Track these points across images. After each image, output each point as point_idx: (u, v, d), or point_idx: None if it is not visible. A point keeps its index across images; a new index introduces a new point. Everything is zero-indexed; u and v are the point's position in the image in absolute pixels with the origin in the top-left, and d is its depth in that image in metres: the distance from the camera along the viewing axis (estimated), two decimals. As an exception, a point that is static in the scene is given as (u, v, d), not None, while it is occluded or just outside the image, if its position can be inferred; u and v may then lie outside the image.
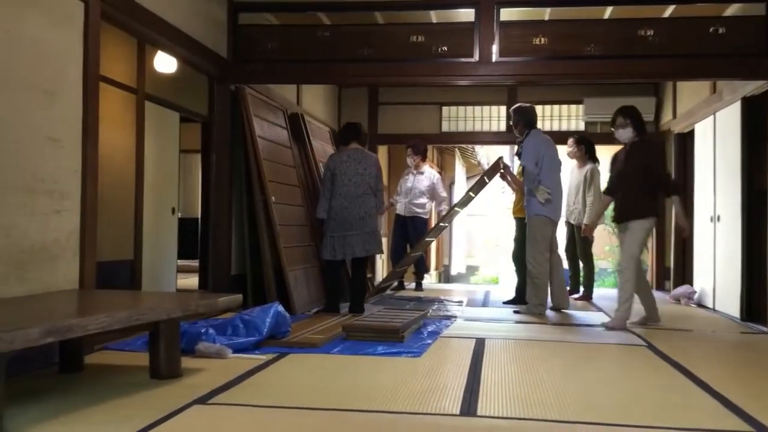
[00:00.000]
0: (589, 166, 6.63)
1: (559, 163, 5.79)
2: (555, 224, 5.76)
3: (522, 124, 5.73)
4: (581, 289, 6.97)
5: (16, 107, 3.08)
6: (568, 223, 6.91)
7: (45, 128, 3.26)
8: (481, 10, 5.40)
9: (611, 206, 5.45)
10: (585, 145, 6.71)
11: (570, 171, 6.93)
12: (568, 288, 6.93)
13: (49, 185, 3.28)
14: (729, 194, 5.92)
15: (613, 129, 5.16)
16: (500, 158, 5.92)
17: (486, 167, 8.27)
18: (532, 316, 5.45)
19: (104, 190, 4.15)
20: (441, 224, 6.61)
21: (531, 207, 5.62)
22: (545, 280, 5.70)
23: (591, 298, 6.86)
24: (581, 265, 6.93)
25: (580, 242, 6.69)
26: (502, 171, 6.12)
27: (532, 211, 5.63)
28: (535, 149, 5.59)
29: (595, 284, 7.13)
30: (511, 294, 6.54)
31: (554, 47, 5.32)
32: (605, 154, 7.28)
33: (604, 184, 7.05)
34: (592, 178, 6.58)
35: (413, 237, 7.36)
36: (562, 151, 6.39)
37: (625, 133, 5.04)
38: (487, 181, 6.37)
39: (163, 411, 2.55)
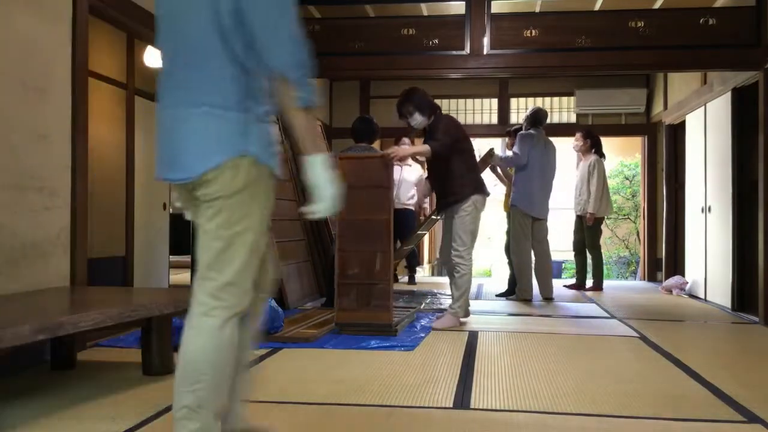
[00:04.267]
0: (592, 158, 6.89)
1: (546, 163, 6.10)
2: (531, 217, 6.04)
3: (528, 122, 6.20)
4: (587, 280, 7.13)
5: (4, 104, 3.05)
6: (577, 216, 7.05)
7: (34, 125, 3.24)
8: (471, 2, 5.38)
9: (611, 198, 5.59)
10: (591, 139, 6.99)
11: (575, 164, 7.18)
12: (575, 281, 7.24)
13: (38, 182, 3.26)
14: (720, 185, 5.94)
15: (407, 120, 4.69)
16: (491, 149, 5.99)
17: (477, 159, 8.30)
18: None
19: (95, 186, 4.13)
20: (433, 217, 6.60)
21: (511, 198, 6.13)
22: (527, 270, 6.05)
23: (601, 288, 7.02)
24: (589, 256, 7.09)
25: (588, 232, 6.90)
26: (492, 163, 6.19)
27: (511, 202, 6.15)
28: (524, 143, 6.03)
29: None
30: (503, 286, 6.57)
31: (545, 39, 5.32)
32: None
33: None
34: (595, 169, 6.81)
35: (403, 230, 7.34)
36: (560, 144, 6.54)
37: (415, 120, 4.62)
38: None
39: (155, 407, 2.54)
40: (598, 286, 7.02)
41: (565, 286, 7.30)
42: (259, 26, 1.69)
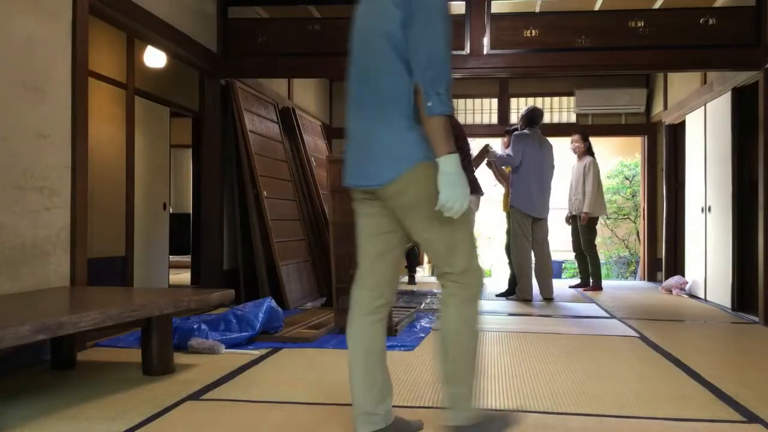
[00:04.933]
0: (588, 159, 6.98)
1: (543, 163, 6.07)
2: (530, 218, 6.03)
3: (523, 122, 6.18)
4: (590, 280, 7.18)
5: (4, 104, 3.05)
6: (573, 216, 7.08)
7: (34, 124, 3.24)
8: (471, 2, 5.39)
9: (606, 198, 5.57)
10: (589, 141, 7.15)
11: (571, 166, 7.24)
12: (579, 282, 7.30)
13: (38, 182, 3.26)
14: (720, 185, 5.94)
15: None
16: (486, 145, 5.98)
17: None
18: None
19: (95, 186, 4.13)
20: None
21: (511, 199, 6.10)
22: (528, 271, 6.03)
23: (601, 287, 7.07)
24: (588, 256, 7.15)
25: (584, 232, 6.94)
26: (488, 159, 6.18)
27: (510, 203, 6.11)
28: (517, 143, 6.00)
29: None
30: (504, 286, 6.57)
31: (545, 39, 5.32)
32: (599, 146, 7.36)
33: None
34: (590, 170, 6.88)
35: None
36: (560, 145, 6.57)
37: None
38: (474, 168, 6.41)
39: (155, 407, 2.54)
40: (597, 286, 7.06)
41: (570, 287, 7.31)
42: (411, 39, 1.92)
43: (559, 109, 8.59)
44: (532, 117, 6.14)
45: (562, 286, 7.26)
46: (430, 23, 1.91)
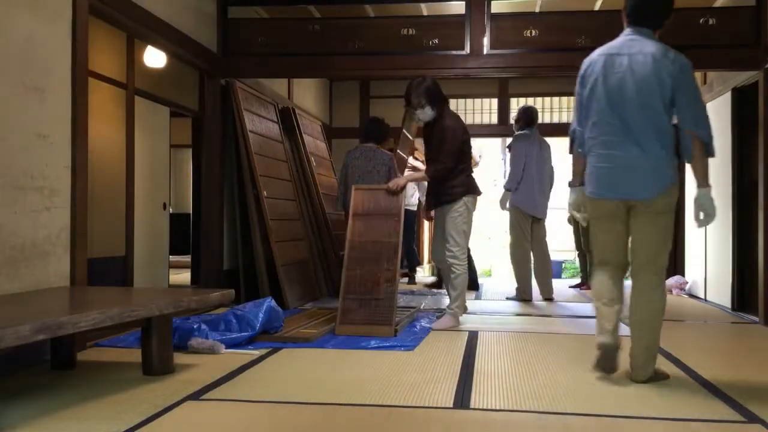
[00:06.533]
0: None
1: (543, 163, 6.07)
2: (530, 218, 6.04)
3: (523, 122, 6.14)
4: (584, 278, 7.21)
5: (4, 103, 3.05)
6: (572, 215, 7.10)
7: (34, 124, 3.24)
8: (471, 2, 5.38)
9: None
10: None
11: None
12: (579, 281, 7.31)
13: (38, 182, 3.26)
14: (720, 185, 5.94)
15: (415, 111, 4.58)
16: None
17: (477, 159, 8.31)
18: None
19: (95, 186, 4.13)
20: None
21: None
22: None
23: None
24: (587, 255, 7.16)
25: (584, 232, 6.94)
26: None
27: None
28: (518, 144, 6.02)
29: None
30: (504, 286, 6.60)
31: (545, 39, 5.32)
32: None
33: None
34: None
35: (404, 230, 7.34)
36: (560, 145, 6.55)
37: (425, 114, 4.52)
38: (472, 170, 6.33)
39: (155, 407, 2.54)
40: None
41: (570, 286, 7.31)
42: (682, 104, 2.97)
43: (559, 109, 8.58)
44: (532, 117, 6.12)
45: (562, 286, 7.25)
46: (696, 97, 3.01)
